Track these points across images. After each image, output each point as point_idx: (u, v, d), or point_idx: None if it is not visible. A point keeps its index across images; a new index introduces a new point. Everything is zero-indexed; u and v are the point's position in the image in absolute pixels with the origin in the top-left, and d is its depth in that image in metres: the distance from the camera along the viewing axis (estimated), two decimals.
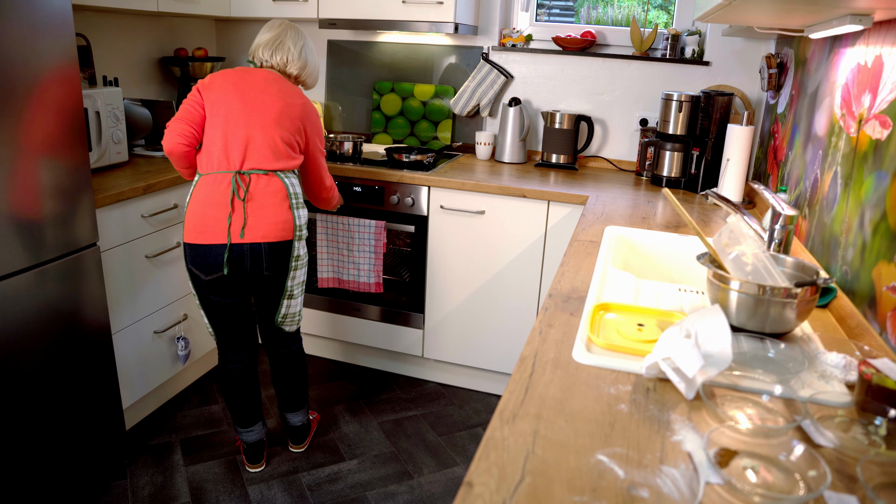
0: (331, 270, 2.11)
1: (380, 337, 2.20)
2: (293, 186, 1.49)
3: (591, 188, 1.93)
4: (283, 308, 1.57)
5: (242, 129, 1.46)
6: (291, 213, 1.47)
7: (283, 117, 1.49)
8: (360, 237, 2.02)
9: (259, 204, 1.44)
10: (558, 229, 1.89)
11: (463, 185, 1.92)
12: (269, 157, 1.46)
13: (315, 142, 1.57)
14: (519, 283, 1.98)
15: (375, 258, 2.03)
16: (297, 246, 1.51)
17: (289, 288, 1.54)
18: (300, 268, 1.54)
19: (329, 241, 2.07)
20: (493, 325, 2.05)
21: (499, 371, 2.12)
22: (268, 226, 1.45)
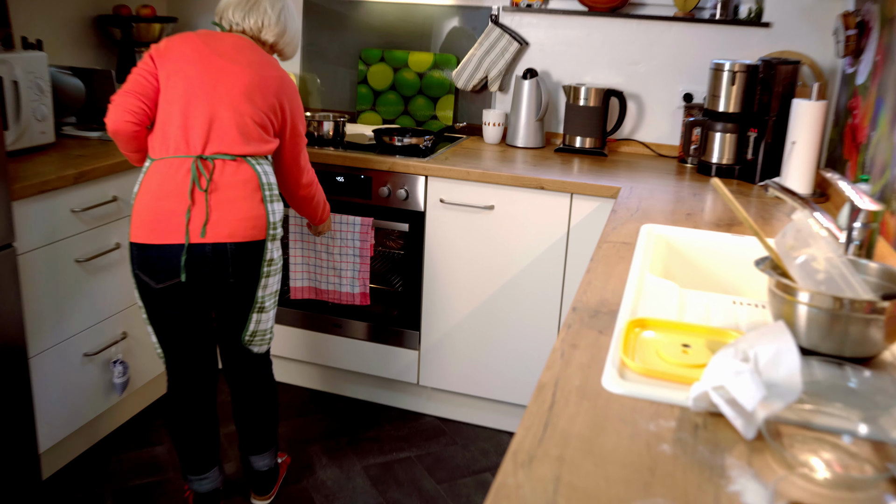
0: (306, 278, 2.09)
1: (366, 360, 2.19)
2: (266, 175, 1.48)
3: (624, 178, 1.93)
4: (252, 324, 1.55)
5: (205, 105, 1.44)
6: (264, 206, 1.46)
7: (255, 92, 1.48)
8: (343, 237, 2.01)
9: (225, 196, 1.43)
10: (584, 228, 1.89)
11: (468, 175, 1.92)
12: (236, 139, 1.45)
13: (294, 123, 1.56)
14: (536, 293, 1.97)
15: (361, 263, 2.02)
16: (271, 247, 1.50)
17: (259, 299, 1.53)
18: (273, 274, 1.53)
19: (304, 242, 2.06)
20: (505, 346, 2.04)
21: (511, 402, 2.11)
22: (235, 222, 1.44)
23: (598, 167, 2.05)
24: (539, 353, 2.01)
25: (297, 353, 2.26)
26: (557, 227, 1.91)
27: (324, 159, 2.04)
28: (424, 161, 1.98)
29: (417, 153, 2.08)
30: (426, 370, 2.15)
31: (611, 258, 1.25)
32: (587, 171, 2.01)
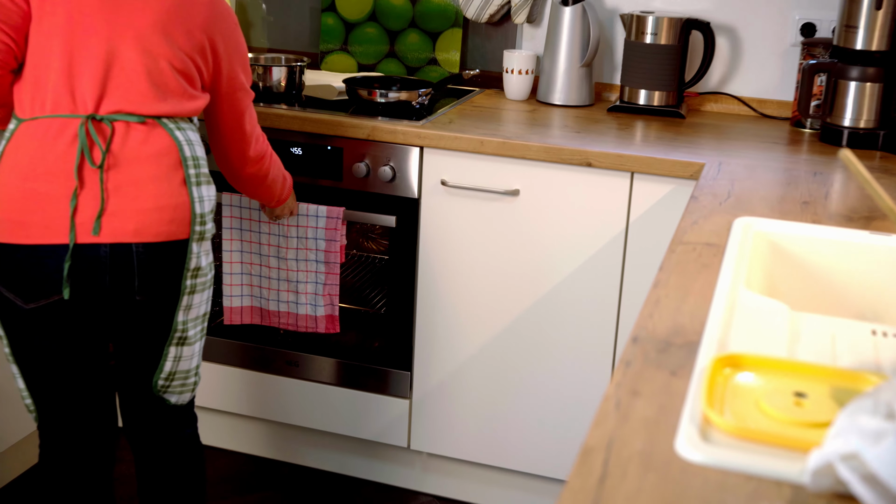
0: (247, 295, 2.09)
1: (334, 414, 2.19)
2: (190, 145, 1.49)
3: (710, 150, 1.92)
4: (169, 361, 1.55)
5: (99, 40, 1.43)
6: (187, 191, 1.47)
7: (174, 24, 1.47)
8: (301, 235, 2.00)
9: (129, 175, 1.43)
10: (649, 223, 1.88)
11: (481, 146, 1.92)
12: (146, 92, 1.45)
13: (232, 71, 1.57)
14: (580, 317, 1.97)
15: (327, 273, 2.02)
16: (197, 251, 1.50)
17: (180, 325, 1.53)
18: (201, 289, 1.54)
19: (245, 240, 2.05)
20: (534, 394, 2.04)
21: (543, 475, 2.11)
22: (143, 214, 1.44)
23: (671, 134, 2.04)
24: (583, 404, 2.01)
25: (234, 403, 2.25)
26: (611, 222, 1.90)
27: (273, 122, 2.04)
28: (419, 125, 1.98)
29: (409, 114, 2.07)
30: (421, 429, 2.14)
31: (689, 266, 1.25)
32: (655, 139, 2.00)
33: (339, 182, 2.04)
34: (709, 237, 1.36)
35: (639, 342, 1.02)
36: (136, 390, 1.61)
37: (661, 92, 2.19)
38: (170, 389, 1.58)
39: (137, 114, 1.44)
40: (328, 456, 2.29)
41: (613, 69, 2.36)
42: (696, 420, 0.86)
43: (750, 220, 1.42)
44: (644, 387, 0.93)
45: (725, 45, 2.27)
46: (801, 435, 0.85)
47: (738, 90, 2.29)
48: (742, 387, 0.94)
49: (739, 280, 1.20)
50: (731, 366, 0.97)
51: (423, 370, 2.11)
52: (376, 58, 2.46)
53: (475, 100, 2.28)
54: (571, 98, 2.24)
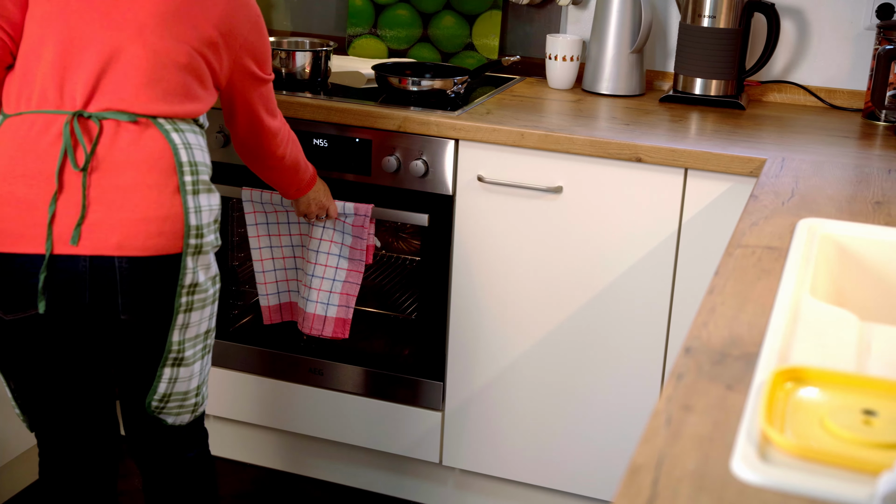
0: (284, 291, 2.12)
1: (360, 426, 2.20)
2: (188, 149, 1.46)
3: (772, 144, 1.91)
4: (164, 383, 1.52)
5: (98, 32, 1.43)
6: (181, 200, 1.44)
7: (182, 16, 1.45)
8: (328, 226, 2.02)
9: (114, 180, 1.40)
10: (704, 223, 1.88)
11: (522, 139, 1.92)
12: (142, 89, 1.42)
13: (246, 64, 1.56)
14: (627, 324, 1.97)
15: (349, 271, 2.03)
16: (192, 266, 1.47)
17: (174, 346, 1.50)
18: (199, 307, 1.51)
19: (273, 234, 2.07)
20: (577, 408, 2.04)
21: (586, 496, 2.11)
22: (129, 224, 1.41)
23: (729, 127, 2.03)
24: (631, 419, 2.00)
25: (252, 413, 2.27)
26: (662, 222, 1.90)
27: (296, 112, 2.05)
28: (454, 116, 1.99)
29: (443, 104, 2.08)
30: (454, 443, 2.15)
31: (748, 271, 1.25)
32: (712, 133, 1.99)
33: (367, 177, 2.04)
34: (770, 240, 1.35)
35: (692, 353, 1.02)
36: (133, 410, 1.60)
37: (719, 81, 2.18)
38: (165, 410, 1.56)
39: (129, 112, 1.42)
40: (353, 471, 2.30)
41: (666, 55, 2.35)
42: (754, 438, 0.86)
43: (816, 222, 1.41)
44: (697, 401, 0.92)
45: (791, 29, 2.25)
46: (870, 456, 0.84)
47: (805, 79, 2.27)
48: (805, 403, 0.93)
49: (803, 287, 1.19)
50: (794, 380, 0.96)
51: (456, 380, 2.11)
52: (408, 42, 2.47)
53: (515, 88, 2.28)
54: (620, 87, 2.24)
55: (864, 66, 2.22)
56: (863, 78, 2.22)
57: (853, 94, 2.23)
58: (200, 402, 1.61)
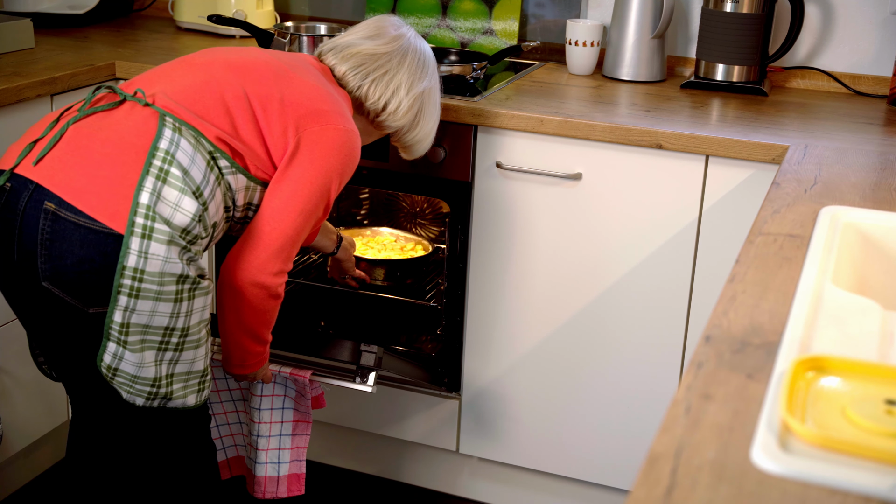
0: (224, 447, 1.92)
1: (376, 413, 2.21)
2: (174, 146, 1.46)
3: (795, 130, 1.91)
4: (108, 355, 1.47)
5: (196, 66, 1.60)
6: (139, 179, 1.43)
7: (280, 84, 1.56)
8: (265, 390, 1.82)
9: (94, 137, 1.47)
10: (725, 211, 1.87)
11: (541, 125, 1.93)
12: (182, 94, 1.52)
13: (310, 170, 1.54)
14: (647, 312, 1.97)
15: (296, 424, 1.84)
16: (138, 248, 1.42)
17: (115, 325, 1.44)
18: (152, 298, 1.44)
19: (211, 390, 1.79)
20: (596, 395, 2.05)
21: (603, 484, 2.11)
22: (80, 177, 1.43)
23: (751, 113, 2.03)
24: (650, 408, 2.01)
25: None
26: (683, 210, 1.90)
27: None
28: (472, 102, 1.99)
29: (461, 89, 2.08)
30: (471, 431, 2.15)
31: (769, 259, 1.24)
32: (734, 119, 1.99)
33: (384, 163, 2.05)
34: (792, 227, 1.35)
35: (712, 342, 1.01)
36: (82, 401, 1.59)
37: (742, 66, 2.17)
38: (115, 382, 1.50)
39: (147, 100, 1.50)
40: (368, 458, 2.31)
41: (688, 41, 2.34)
42: (775, 428, 0.86)
43: (839, 210, 1.40)
44: (717, 390, 0.92)
45: (815, 14, 2.24)
46: (893, 446, 0.84)
47: (829, 65, 2.26)
48: (826, 392, 0.93)
49: (825, 275, 1.19)
50: (815, 369, 0.96)
51: (473, 368, 2.11)
52: (427, 27, 2.47)
53: (535, 74, 2.28)
54: (641, 73, 2.24)
55: (889, 51, 2.20)
56: (888, 64, 2.21)
57: (878, 81, 2.22)
58: (163, 394, 1.52)
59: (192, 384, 1.55)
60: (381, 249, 2.32)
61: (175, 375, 1.52)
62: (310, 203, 1.55)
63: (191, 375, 1.55)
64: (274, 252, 1.55)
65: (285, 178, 1.54)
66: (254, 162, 1.54)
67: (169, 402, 1.53)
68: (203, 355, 1.56)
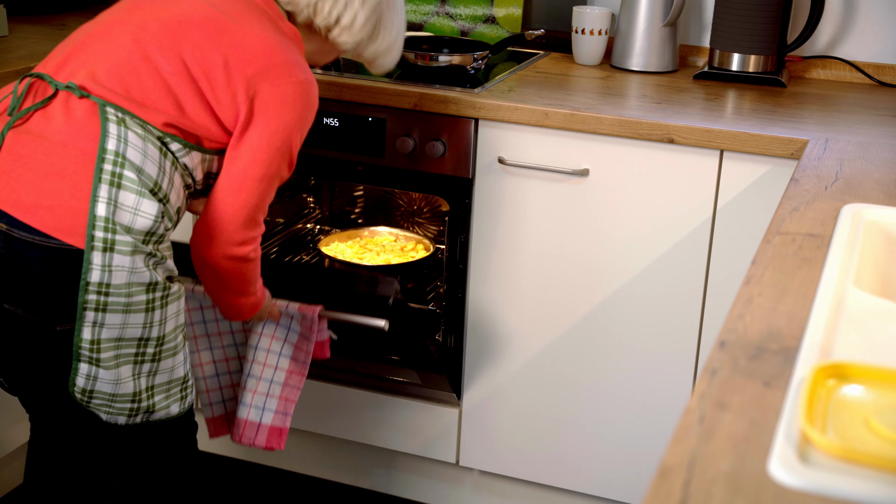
0: (231, 399, 1.91)
1: (372, 424, 2.21)
2: (122, 143, 1.43)
3: (815, 124, 1.90)
4: (81, 377, 1.46)
5: (119, 15, 1.56)
6: (92, 188, 1.40)
7: (197, 32, 1.50)
8: (266, 329, 1.81)
9: (36, 146, 1.43)
10: (741, 209, 1.87)
11: (546, 118, 1.92)
12: (108, 74, 1.47)
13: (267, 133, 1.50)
14: (658, 316, 1.97)
15: (290, 371, 1.82)
16: (101, 262, 1.40)
17: (85, 344, 1.44)
18: (121, 310, 1.43)
19: (212, 334, 1.86)
20: (603, 404, 2.05)
21: (613, 499, 2.12)
22: (29, 192, 1.41)
23: (769, 106, 2.02)
24: (661, 417, 2.01)
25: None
26: (696, 208, 1.90)
27: None
28: (474, 94, 1.99)
29: (462, 80, 2.08)
30: (472, 443, 2.15)
31: (787, 260, 1.25)
32: (750, 112, 1.99)
33: (380, 159, 2.05)
34: (811, 226, 1.36)
35: (727, 347, 1.02)
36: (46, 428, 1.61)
37: (758, 56, 2.17)
38: (93, 406, 1.49)
39: (83, 89, 1.45)
40: (364, 471, 2.31)
41: (702, 29, 2.34)
42: (794, 438, 0.86)
43: (861, 207, 1.41)
44: (732, 399, 0.93)
45: (836, 1, 2.24)
46: None
47: (851, 54, 2.26)
48: (848, 401, 0.93)
49: (847, 277, 1.20)
50: (836, 376, 0.96)
51: (474, 375, 2.11)
52: (425, 15, 2.46)
53: (539, 64, 2.28)
54: (651, 63, 2.23)
55: None
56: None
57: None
58: (144, 409, 1.52)
59: (173, 393, 1.56)
60: (381, 251, 2.31)
61: (155, 387, 1.52)
62: (271, 167, 1.53)
63: (172, 384, 1.55)
64: (240, 224, 1.53)
65: (241, 145, 1.51)
66: (207, 136, 1.51)
67: (152, 416, 1.54)
68: (182, 361, 1.55)
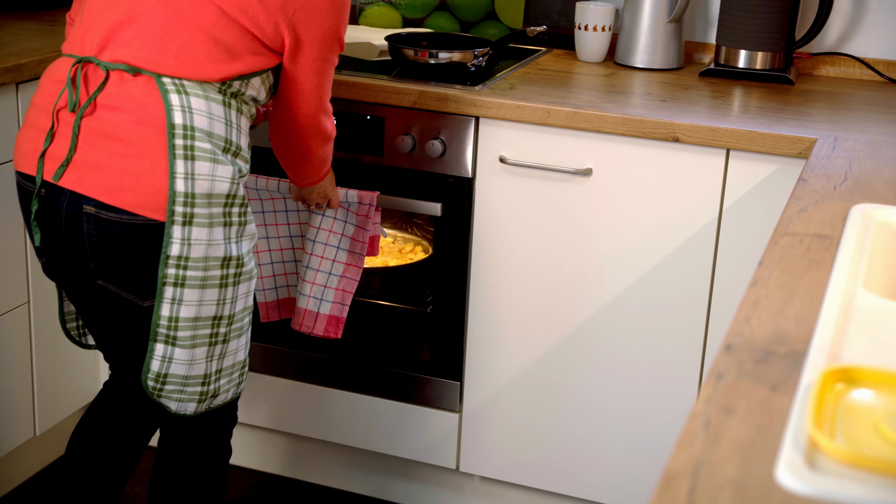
0: (283, 286, 2.13)
1: (372, 429, 2.21)
2: (187, 112, 1.51)
3: (823, 122, 1.91)
4: (156, 360, 1.59)
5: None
6: (168, 165, 1.49)
7: None
8: (328, 215, 2.03)
9: (104, 126, 1.52)
10: (747, 209, 1.87)
11: (548, 116, 1.92)
12: (153, 45, 1.52)
13: (300, 33, 1.59)
14: (662, 319, 1.97)
15: (348, 263, 2.03)
16: (181, 236, 1.52)
17: (163, 321, 1.56)
18: (198, 286, 1.55)
19: (269, 224, 2.09)
20: (606, 410, 2.05)
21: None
22: (111, 176, 1.51)
23: (776, 103, 2.02)
24: (666, 422, 2.01)
25: (253, 414, 2.29)
26: (702, 208, 1.90)
27: None
28: (475, 92, 1.99)
29: (463, 78, 2.08)
30: (472, 448, 2.15)
31: (795, 261, 1.25)
32: (757, 110, 1.99)
33: (379, 158, 2.05)
34: (820, 227, 1.35)
35: (733, 351, 1.02)
36: (132, 395, 1.70)
37: (765, 53, 2.17)
38: (164, 394, 1.62)
39: (133, 65, 1.52)
40: (363, 477, 2.31)
41: (707, 25, 2.33)
42: (801, 444, 0.86)
43: (871, 208, 1.41)
44: (739, 403, 0.92)
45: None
46: None
47: (861, 50, 2.25)
48: (857, 406, 0.93)
49: (856, 279, 1.19)
50: (845, 381, 0.96)
51: (475, 380, 2.11)
52: (424, 11, 2.46)
53: (541, 61, 2.27)
54: (656, 60, 2.23)
55: None
56: None
57: None
58: (211, 393, 1.64)
59: (235, 377, 1.69)
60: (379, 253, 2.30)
61: (223, 370, 1.66)
62: (326, 63, 1.66)
63: (235, 367, 1.68)
64: (314, 117, 1.70)
65: (298, 60, 1.62)
66: (260, 64, 1.59)
67: (215, 401, 1.66)
68: (244, 345, 1.68)
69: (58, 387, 2.21)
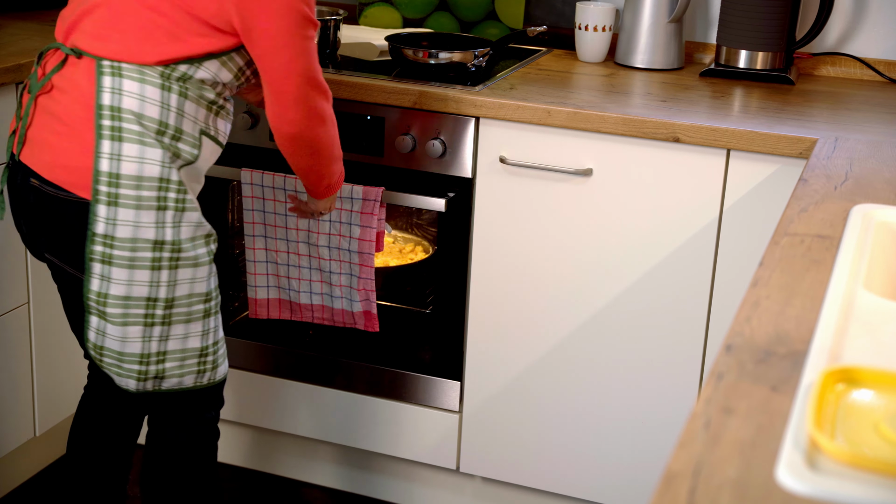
0: (274, 286, 2.14)
1: (371, 429, 2.21)
2: (117, 94, 1.54)
3: (824, 122, 1.91)
4: (91, 331, 1.62)
5: None
6: (94, 145, 1.54)
7: None
8: (334, 219, 2.03)
9: (51, 108, 1.61)
10: (748, 209, 1.88)
11: (548, 117, 1.93)
12: (101, 29, 1.57)
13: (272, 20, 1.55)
14: (663, 319, 1.97)
15: (361, 264, 2.04)
16: (106, 215, 1.54)
17: (92, 295, 1.58)
18: (127, 265, 1.56)
19: (269, 224, 2.09)
20: (607, 410, 2.05)
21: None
22: (50, 153, 1.60)
23: (777, 104, 2.03)
24: (666, 422, 2.01)
25: (252, 415, 2.29)
26: (702, 208, 1.90)
27: None
28: (475, 92, 1.99)
29: (463, 78, 2.09)
30: (473, 449, 2.15)
31: (795, 262, 1.25)
32: (757, 110, 1.99)
33: (379, 158, 2.05)
34: (820, 227, 1.35)
35: (733, 351, 1.02)
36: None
37: (766, 53, 2.17)
38: (105, 365, 1.63)
39: (82, 50, 1.57)
40: (362, 478, 2.31)
41: (708, 25, 2.34)
42: (802, 444, 0.86)
43: (871, 208, 1.41)
44: (739, 403, 0.92)
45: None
46: None
47: (861, 50, 2.25)
48: (858, 406, 0.93)
49: (857, 279, 1.19)
50: (845, 381, 0.96)
51: (475, 380, 2.11)
52: (424, 11, 2.46)
53: (541, 62, 2.28)
54: (657, 60, 2.24)
55: None
56: None
57: None
58: (153, 374, 1.63)
59: (189, 364, 1.65)
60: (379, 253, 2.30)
61: (168, 353, 1.63)
62: (295, 39, 1.58)
63: (186, 354, 1.64)
64: (302, 95, 1.62)
65: (255, 42, 1.57)
66: (208, 46, 1.57)
67: (163, 383, 1.64)
68: (198, 332, 1.64)
69: (58, 387, 2.22)
